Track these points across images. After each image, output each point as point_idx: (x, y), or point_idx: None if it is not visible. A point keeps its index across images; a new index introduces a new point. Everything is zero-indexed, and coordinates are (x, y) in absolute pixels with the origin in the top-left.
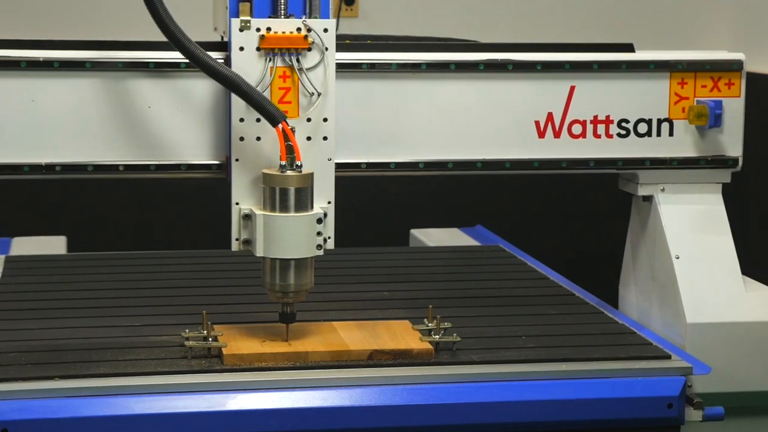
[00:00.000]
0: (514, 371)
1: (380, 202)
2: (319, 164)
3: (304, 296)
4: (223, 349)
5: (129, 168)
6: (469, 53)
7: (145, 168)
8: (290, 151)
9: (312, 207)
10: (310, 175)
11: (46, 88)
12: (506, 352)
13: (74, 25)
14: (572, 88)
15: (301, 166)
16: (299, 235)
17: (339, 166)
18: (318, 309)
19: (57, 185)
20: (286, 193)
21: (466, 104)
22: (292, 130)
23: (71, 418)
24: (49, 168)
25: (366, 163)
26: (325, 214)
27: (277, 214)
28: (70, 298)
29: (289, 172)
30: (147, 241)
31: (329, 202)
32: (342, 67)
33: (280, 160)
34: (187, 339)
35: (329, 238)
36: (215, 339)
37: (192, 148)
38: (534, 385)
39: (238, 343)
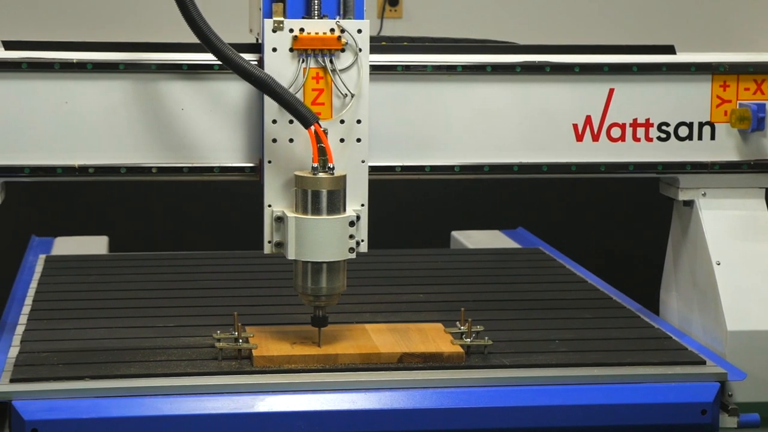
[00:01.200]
0: (544, 375)
1: (423, 203)
2: (353, 166)
3: (337, 300)
4: (253, 350)
5: (162, 170)
6: (505, 55)
7: (177, 170)
8: (322, 153)
9: (344, 209)
10: (343, 178)
11: (80, 90)
12: (538, 356)
13: (107, 27)
14: (611, 91)
15: (333, 168)
16: (331, 238)
17: (374, 169)
18: (351, 311)
19: (100, 186)
20: (318, 195)
21: (502, 107)
22: (325, 131)
23: (100, 418)
24: (82, 170)
25: (401, 167)
26: (358, 217)
27: (309, 216)
28: (106, 298)
29: (321, 175)
30: (189, 241)
31: (362, 205)
32: (377, 69)
33: (312, 162)
34: (218, 340)
35: (362, 241)
36: (246, 340)
37: (225, 150)
38: (564, 390)
39: (268, 345)
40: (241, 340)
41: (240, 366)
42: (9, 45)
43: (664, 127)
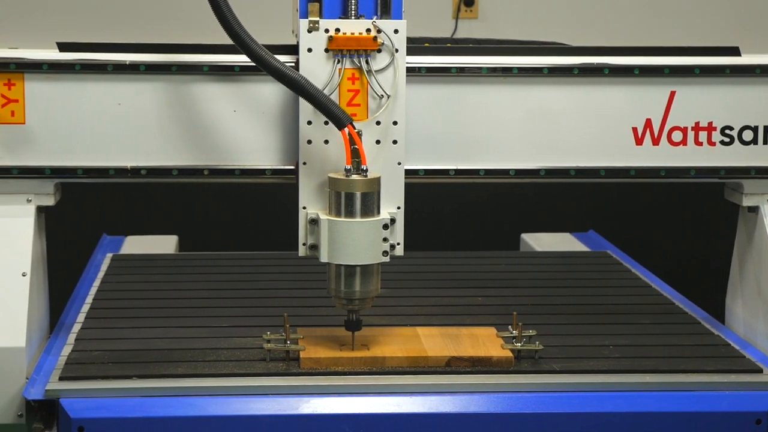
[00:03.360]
0: (594, 381)
1: (497, 205)
2: (388, 168)
3: (371, 304)
4: (300, 352)
5: (213, 172)
6: (562, 57)
7: (229, 172)
8: (356, 154)
9: (378, 212)
10: (377, 180)
11: (132, 91)
12: (589, 362)
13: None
14: (672, 94)
15: (366, 170)
16: (364, 241)
17: (428, 172)
18: (407, 314)
19: (174, 185)
20: (352, 197)
21: (559, 110)
22: (359, 133)
23: (145, 417)
24: (135, 171)
25: (455, 170)
26: (393, 220)
27: (342, 219)
28: (164, 298)
29: (354, 177)
30: (260, 241)
31: (398, 208)
32: (431, 71)
33: (346, 164)
34: (268, 341)
35: (398, 244)
36: (295, 342)
37: (273, 152)
38: (613, 397)
39: (317, 347)
40: (289, 342)
41: (287, 368)
42: (63, 46)
43: (727, 131)
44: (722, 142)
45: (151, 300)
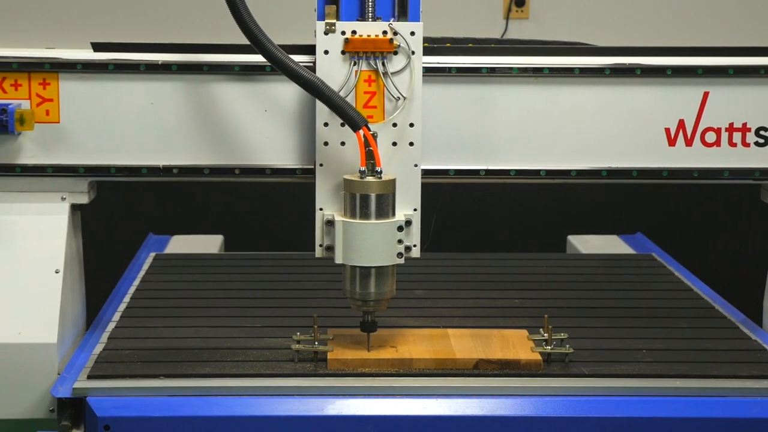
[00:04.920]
0: (623, 386)
1: (548, 206)
2: (405, 170)
3: (386, 305)
4: (328, 353)
5: (244, 171)
6: (594, 57)
7: (260, 172)
8: (370, 156)
9: (394, 214)
10: (392, 182)
11: (165, 91)
12: (620, 366)
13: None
14: (706, 94)
15: (381, 172)
16: (379, 243)
17: (458, 173)
18: (441, 315)
19: (223, 186)
20: (367, 199)
21: (590, 110)
22: (374, 135)
23: (171, 417)
24: (167, 170)
25: (486, 170)
26: (408, 222)
27: (357, 221)
28: (201, 297)
29: (369, 178)
30: (305, 242)
31: (415, 210)
32: (462, 72)
33: (360, 165)
34: (298, 342)
35: (414, 246)
36: (324, 343)
37: (303, 152)
38: (641, 401)
39: (345, 348)
40: (317, 343)
41: (315, 368)
42: (97, 47)
43: (762, 132)
44: (756, 143)
45: (187, 299)
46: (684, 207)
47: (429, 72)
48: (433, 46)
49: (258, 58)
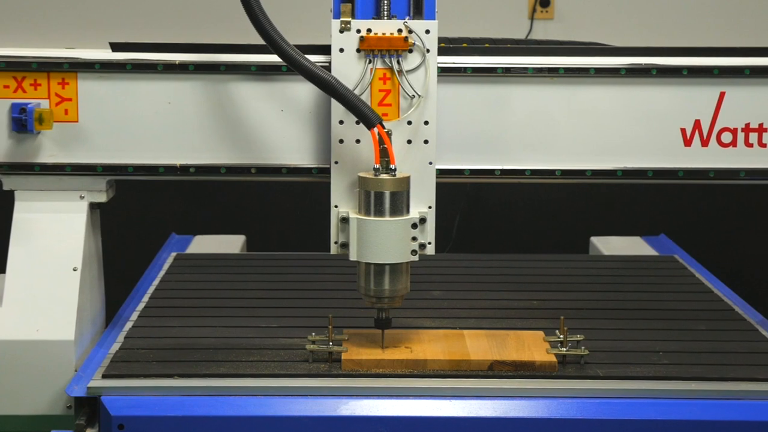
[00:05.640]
0: (638, 388)
1: (569, 207)
2: (419, 168)
3: (400, 302)
4: (342, 354)
5: (260, 170)
6: (609, 57)
7: (276, 171)
8: (384, 154)
9: (408, 211)
10: (406, 179)
11: (182, 90)
12: (636, 368)
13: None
14: (722, 95)
15: (395, 169)
16: (393, 240)
17: (474, 173)
18: (457, 316)
19: (243, 187)
20: (381, 197)
21: (606, 110)
22: (388, 133)
23: (185, 416)
24: (184, 169)
25: (501, 170)
26: (423, 219)
27: (371, 218)
28: (219, 297)
29: (383, 176)
30: (326, 242)
31: (430, 207)
32: (477, 71)
33: (374, 163)
34: (313, 342)
35: (429, 243)
36: (339, 343)
37: (319, 151)
38: (656, 404)
39: (359, 349)
40: (332, 343)
41: (329, 369)
42: (116, 46)
43: None
44: None
45: (204, 299)
46: (710, 208)
47: (445, 72)
48: (449, 46)
49: (274, 58)
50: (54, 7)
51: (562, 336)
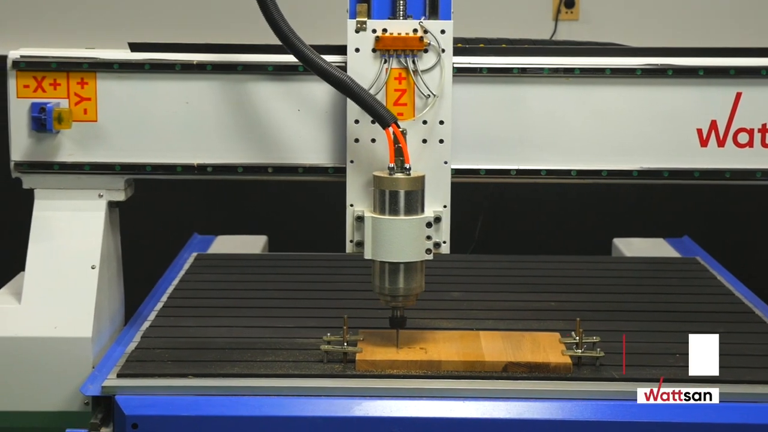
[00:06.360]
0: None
1: (592, 208)
2: (434, 167)
3: (414, 301)
4: (357, 354)
5: (277, 170)
6: (625, 58)
7: (293, 170)
8: (399, 153)
9: (422, 210)
10: (421, 179)
11: (199, 90)
12: (651, 370)
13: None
14: (738, 95)
15: (410, 168)
16: (407, 239)
17: (489, 173)
18: (475, 317)
19: (267, 186)
20: (396, 196)
21: (621, 111)
22: (403, 132)
23: (198, 416)
24: (201, 168)
25: (516, 170)
26: (438, 218)
27: (386, 217)
28: (237, 297)
29: (398, 175)
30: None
31: (445, 206)
32: (493, 72)
33: (389, 162)
34: (328, 342)
35: (444, 242)
36: (354, 344)
37: (335, 151)
38: (672, 406)
39: (374, 349)
40: (346, 344)
41: (343, 369)
42: (135, 47)
43: None
44: None
45: (222, 299)
46: (736, 210)
47: (460, 72)
48: (464, 47)
49: (291, 58)
50: (74, 8)
51: (577, 337)
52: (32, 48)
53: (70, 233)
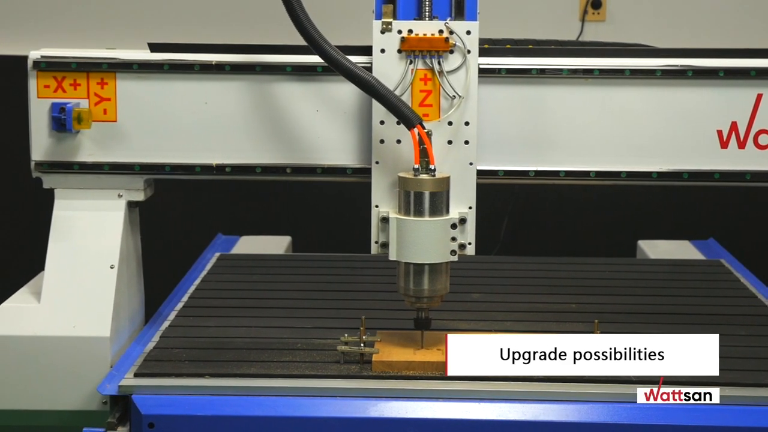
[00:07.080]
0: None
1: (616, 211)
2: (460, 168)
3: (439, 302)
4: (373, 355)
5: (295, 170)
6: (645, 59)
7: (311, 171)
8: (424, 154)
9: (447, 212)
10: (446, 180)
11: (218, 90)
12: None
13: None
14: (759, 96)
15: (434, 169)
16: (432, 240)
17: (507, 174)
18: (494, 319)
19: (291, 187)
20: (421, 197)
21: (641, 112)
22: (428, 133)
23: (214, 416)
24: (219, 169)
25: (535, 171)
26: (463, 220)
27: (411, 218)
28: (256, 297)
29: (423, 176)
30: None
31: (470, 207)
32: (512, 73)
33: (414, 163)
34: (345, 343)
35: (470, 243)
36: (371, 345)
37: (354, 151)
38: (688, 409)
39: (391, 350)
40: (363, 344)
41: (360, 370)
42: (154, 47)
43: None
44: None
45: (242, 299)
46: (763, 213)
47: (481, 73)
48: (483, 47)
49: (309, 59)
50: (94, 9)
51: None
52: (52, 48)
53: (90, 233)
